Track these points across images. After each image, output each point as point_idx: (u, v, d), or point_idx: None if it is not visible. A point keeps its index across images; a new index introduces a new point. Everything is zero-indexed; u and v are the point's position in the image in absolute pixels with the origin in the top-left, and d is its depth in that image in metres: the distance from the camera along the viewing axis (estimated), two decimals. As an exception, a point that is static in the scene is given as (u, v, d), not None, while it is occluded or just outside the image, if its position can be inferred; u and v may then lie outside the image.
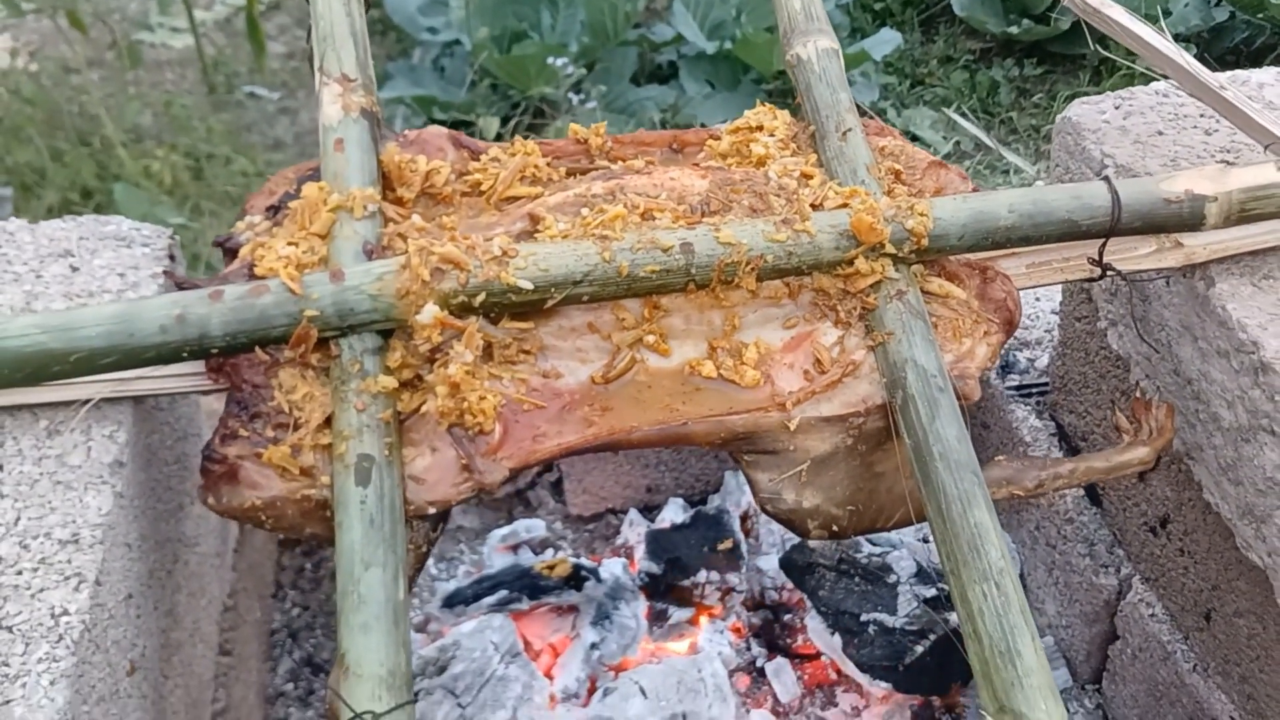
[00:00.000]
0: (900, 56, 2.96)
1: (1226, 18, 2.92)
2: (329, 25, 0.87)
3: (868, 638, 1.15)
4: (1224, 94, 0.92)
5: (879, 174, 0.85)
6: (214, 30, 3.30)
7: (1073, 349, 1.14)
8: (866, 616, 1.16)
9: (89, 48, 3.17)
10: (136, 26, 3.25)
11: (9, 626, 0.68)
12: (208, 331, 0.76)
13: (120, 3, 3.37)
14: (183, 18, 3.22)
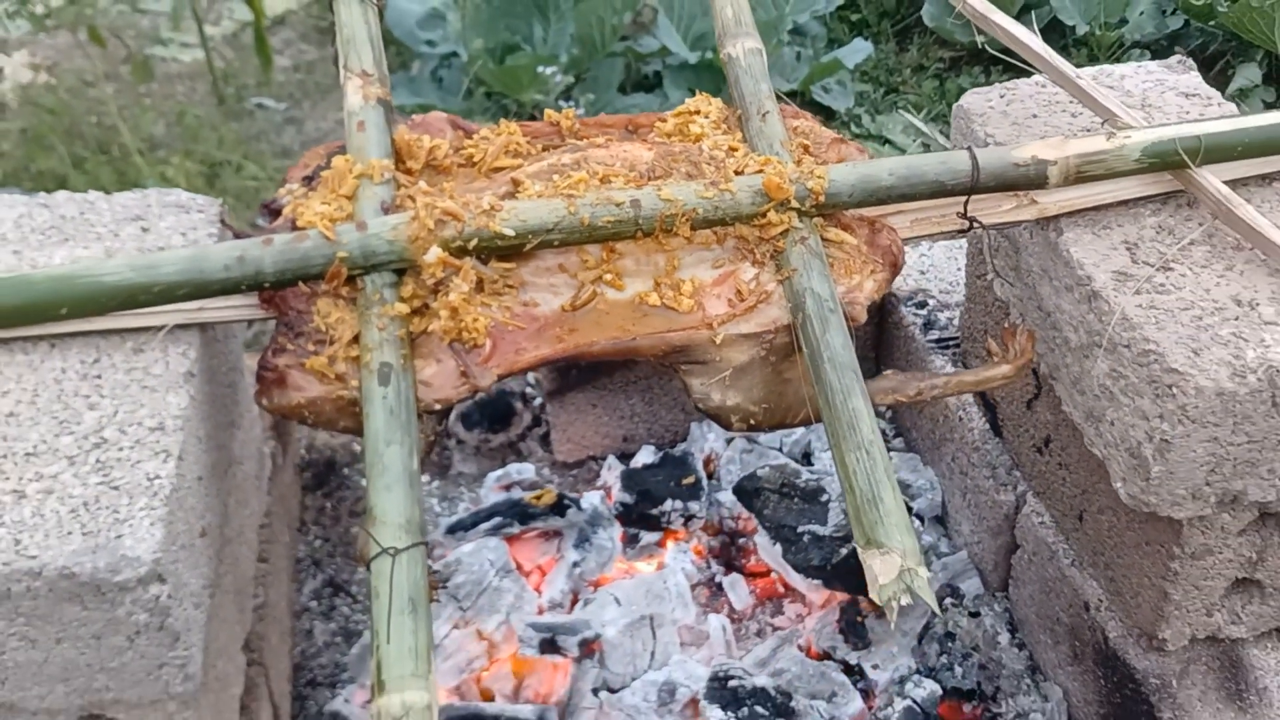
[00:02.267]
0: (875, 66, 3.21)
1: (1181, 25, 3.17)
2: (351, 31, 1.12)
3: (803, 545, 1.40)
4: (1078, 82, 1.17)
5: (790, 147, 1.09)
6: (222, 45, 3.55)
7: (975, 303, 1.39)
8: (803, 528, 1.41)
9: (105, 62, 3.42)
10: (150, 41, 3.50)
11: (116, 486, 0.92)
12: (261, 269, 1.01)
13: (133, 18, 3.62)
14: (193, 33, 3.47)
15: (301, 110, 3.24)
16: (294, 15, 3.73)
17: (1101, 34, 3.08)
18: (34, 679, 0.94)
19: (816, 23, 3.18)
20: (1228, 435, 0.99)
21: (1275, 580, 1.17)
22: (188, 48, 3.54)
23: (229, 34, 3.64)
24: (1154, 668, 1.20)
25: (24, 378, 1.00)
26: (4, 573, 0.87)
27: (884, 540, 0.90)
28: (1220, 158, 1.10)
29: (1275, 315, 1.01)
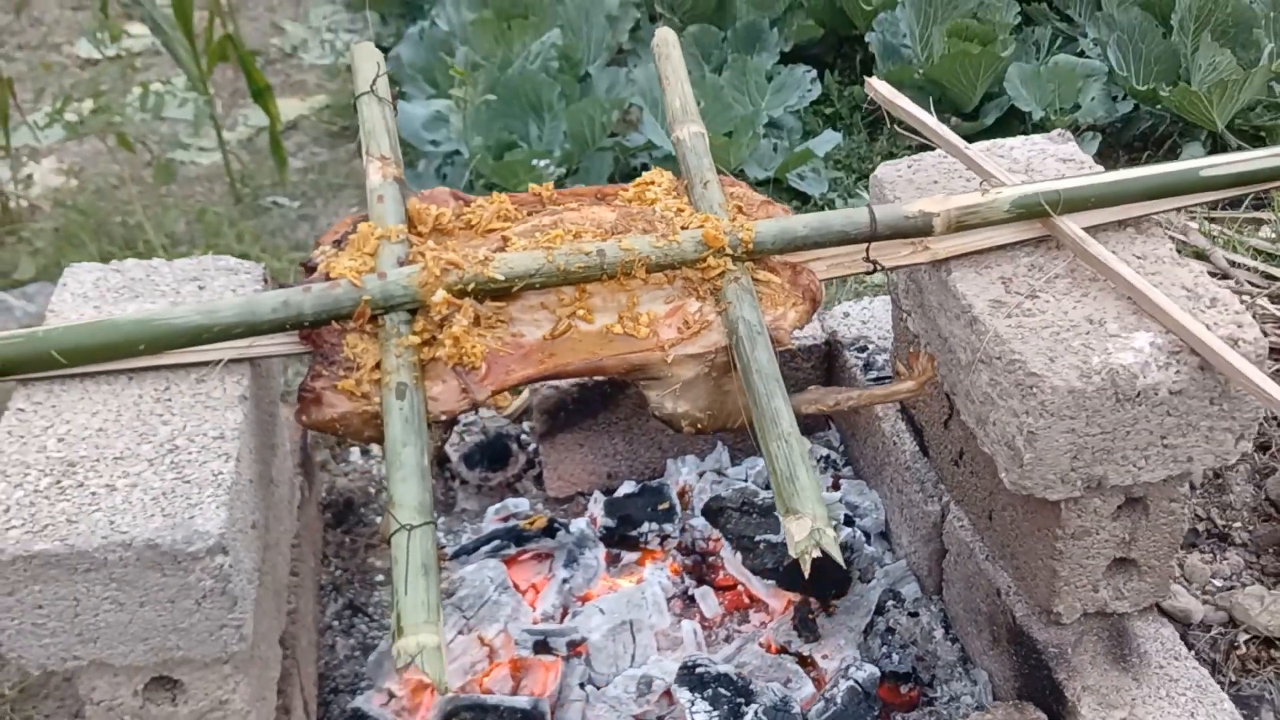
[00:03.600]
0: (848, 154, 3.52)
1: (1131, 109, 3.49)
2: (371, 125, 1.42)
3: (760, 552, 1.65)
4: (966, 151, 1.46)
5: (727, 208, 1.38)
6: (238, 149, 3.88)
7: (899, 341, 1.66)
8: (759, 538, 1.66)
9: (129, 166, 3.75)
10: (171, 146, 3.84)
11: (188, 480, 1.19)
12: (302, 311, 1.28)
13: (156, 125, 3.96)
14: (212, 139, 3.82)
15: (314, 207, 3.55)
16: (306, 120, 4.08)
17: (1056, 119, 3.39)
18: (120, 637, 1.19)
19: (792, 116, 3.50)
20: (1083, 426, 1.25)
21: (1148, 560, 1.42)
22: (206, 152, 3.88)
23: (244, 139, 3.98)
24: (1053, 639, 1.45)
25: (109, 402, 1.27)
26: (102, 545, 1.13)
27: (799, 508, 1.16)
28: (1078, 207, 1.38)
29: (1119, 330, 1.28)
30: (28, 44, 4.51)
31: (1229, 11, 3.44)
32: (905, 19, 3.58)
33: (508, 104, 3.29)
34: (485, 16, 3.62)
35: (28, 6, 4.56)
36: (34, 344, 1.27)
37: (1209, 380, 1.26)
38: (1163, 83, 3.37)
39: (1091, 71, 3.42)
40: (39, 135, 3.93)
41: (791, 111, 3.50)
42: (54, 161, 3.89)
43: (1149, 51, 3.44)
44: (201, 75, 3.47)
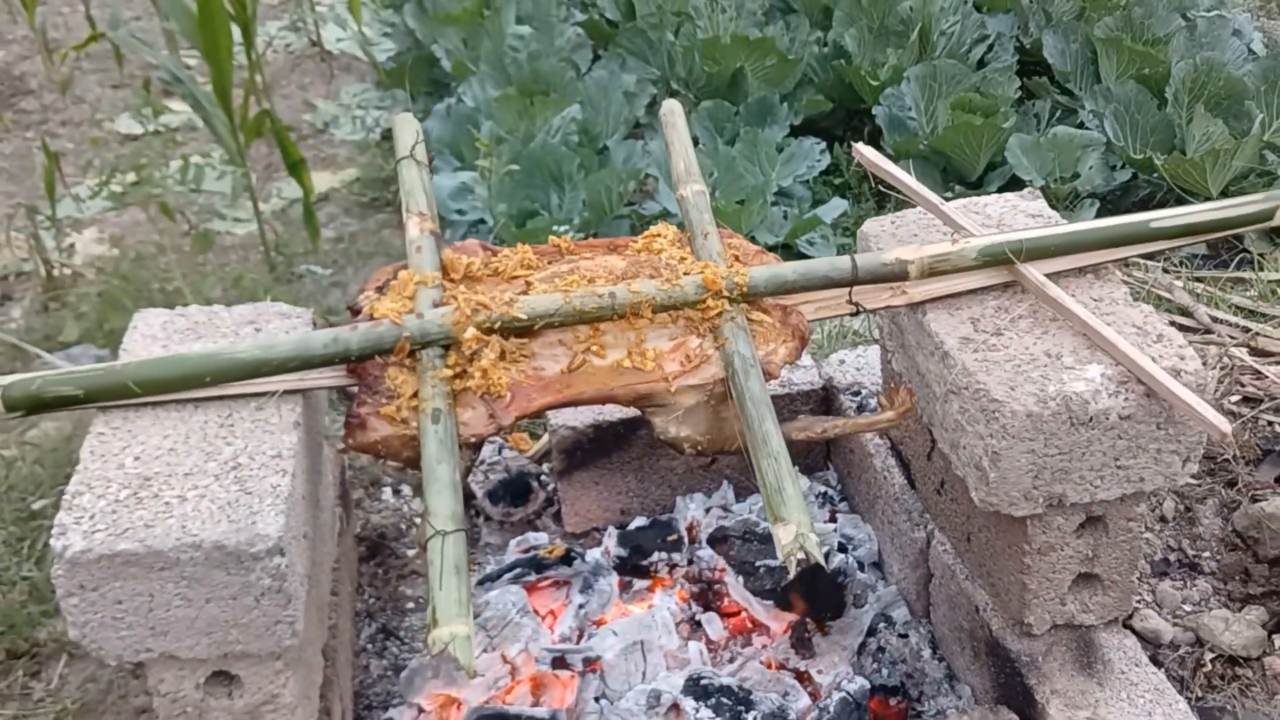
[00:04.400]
0: (855, 221, 3.73)
1: (1129, 178, 3.70)
2: (410, 185, 1.64)
3: (760, 575, 1.83)
4: (942, 208, 1.66)
5: (725, 256, 1.58)
6: (272, 219, 4.12)
7: (887, 382, 1.85)
8: (760, 563, 1.84)
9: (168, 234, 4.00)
10: (208, 216, 4.09)
11: (250, 491, 1.38)
12: (349, 347, 1.48)
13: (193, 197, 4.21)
14: (247, 210, 4.06)
15: (345, 275, 3.76)
16: (337, 192, 4.33)
17: (1056, 187, 3.60)
18: (187, 631, 1.38)
19: (801, 186, 3.72)
20: (1041, 448, 1.43)
21: (1110, 575, 1.59)
22: (241, 222, 4.12)
23: (278, 210, 4.22)
24: (1025, 649, 1.61)
25: (178, 426, 1.47)
26: (175, 546, 1.32)
27: (785, 516, 1.35)
28: (1040, 256, 1.57)
29: (1074, 363, 1.47)
30: (70, 120, 4.79)
31: (1221, 84, 3.66)
32: (910, 93, 3.81)
33: (530, 175, 3.52)
34: (509, 93, 3.88)
35: (71, 86, 4.85)
36: (113, 376, 1.47)
37: (1155, 406, 1.44)
38: (1158, 152, 3.58)
39: (1090, 142, 3.63)
40: (82, 206, 4.20)
41: (801, 181, 3.72)
42: (95, 232, 4.14)
43: (1145, 122, 3.65)
44: (239, 149, 3.72)
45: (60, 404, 1.47)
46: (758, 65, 4.02)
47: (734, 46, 4.03)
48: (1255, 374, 2.41)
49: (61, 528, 1.34)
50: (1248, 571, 1.92)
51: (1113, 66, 3.86)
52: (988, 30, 4.17)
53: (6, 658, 1.99)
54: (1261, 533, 1.92)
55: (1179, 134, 3.64)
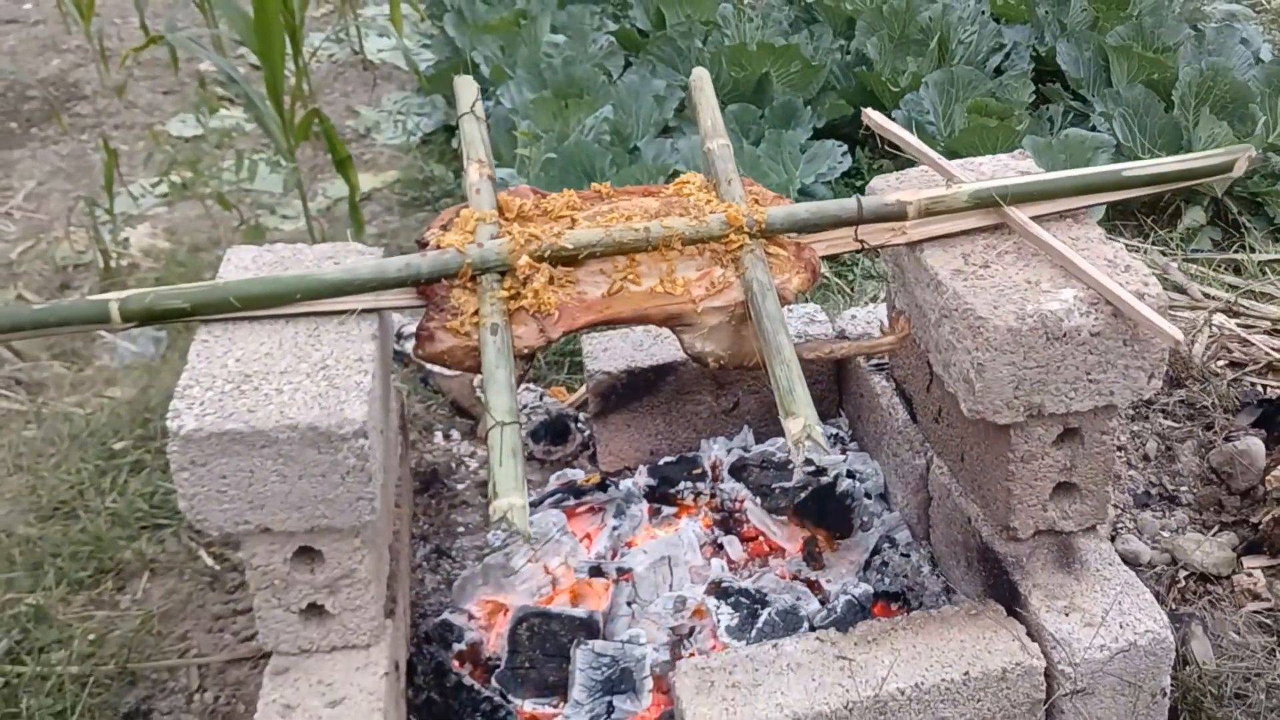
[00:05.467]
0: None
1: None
2: (470, 137, 1.91)
3: (775, 496, 2.09)
4: (940, 162, 1.92)
5: (746, 199, 1.84)
6: (318, 216, 4.42)
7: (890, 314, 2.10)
8: (775, 485, 2.09)
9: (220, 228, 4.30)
10: (259, 211, 4.39)
11: (337, 386, 1.64)
12: (420, 271, 1.75)
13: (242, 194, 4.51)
14: (294, 207, 4.36)
15: (387, 263, 4.03)
16: (379, 192, 4.62)
17: (1067, 187, 3.85)
18: (281, 505, 1.64)
19: (824, 186, 3.98)
20: (1021, 360, 1.68)
21: (1087, 484, 1.83)
22: (289, 219, 4.42)
23: (323, 208, 4.52)
24: (1011, 552, 1.86)
25: (273, 336, 1.74)
26: (275, 426, 1.59)
27: (795, 411, 1.60)
28: (1024, 200, 1.83)
29: (1051, 288, 1.72)
30: (123, 124, 5.12)
31: (1226, 88, 3.91)
32: (929, 98, 4.08)
33: (564, 171, 3.80)
34: (545, 96, 4.17)
35: (125, 91, 5.19)
36: (216, 292, 1.75)
37: (1121, 325, 1.69)
38: (1165, 153, 3.82)
39: (1100, 144, 3.89)
40: (138, 202, 4.51)
41: (824, 181, 3.98)
42: (148, 227, 4.45)
43: (1153, 125, 3.91)
44: (289, 147, 4.02)
45: (169, 316, 1.74)
46: (783, 71, 4.30)
47: (760, 53, 4.32)
48: (1242, 341, 2.65)
49: (175, 412, 1.61)
50: (1221, 503, 2.16)
51: (1123, 72, 4.12)
52: (1005, 39, 4.44)
53: (95, 573, 2.25)
54: (1234, 468, 2.16)
55: (1185, 135, 3.89)
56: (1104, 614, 1.76)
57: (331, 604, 1.75)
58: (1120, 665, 1.75)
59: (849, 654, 1.75)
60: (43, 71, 5.46)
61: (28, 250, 4.26)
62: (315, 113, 4.02)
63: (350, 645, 1.78)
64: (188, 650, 2.10)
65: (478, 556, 2.21)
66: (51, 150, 4.92)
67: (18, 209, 4.57)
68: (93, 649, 2.07)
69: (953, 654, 1.74)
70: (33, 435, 2.73)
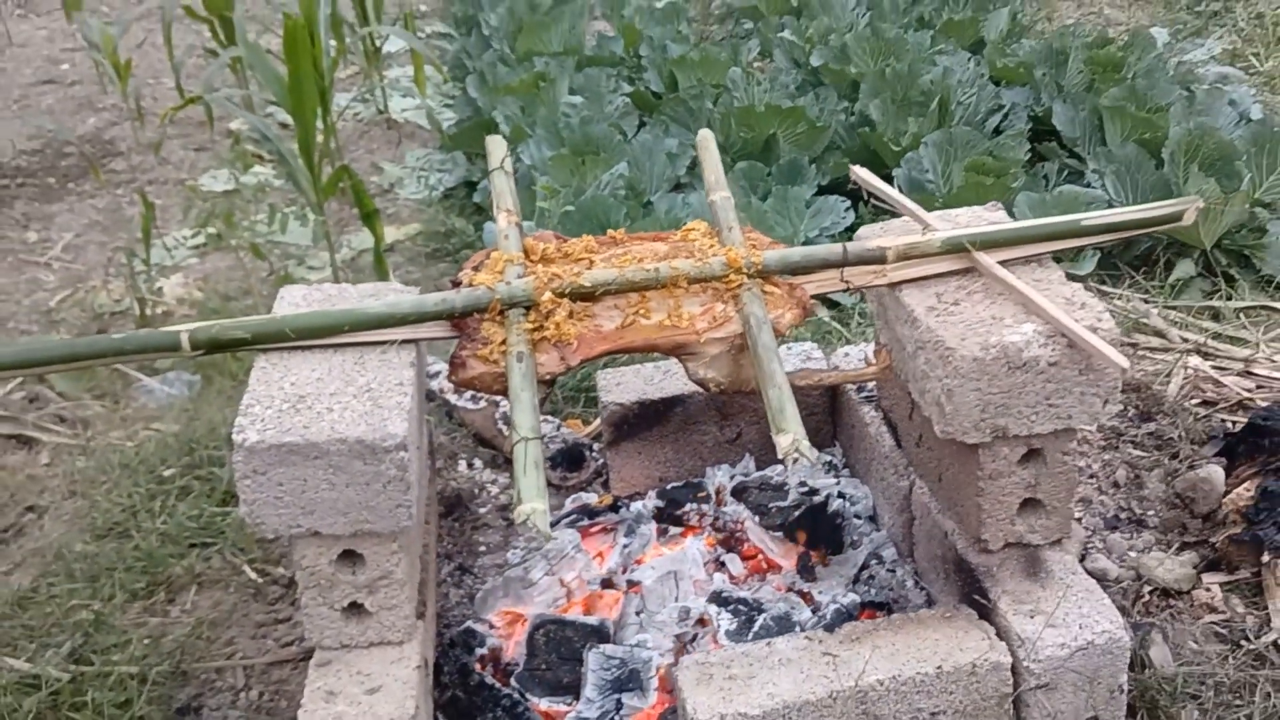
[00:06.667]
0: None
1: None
2: (500, 188, 2.19)
3: (772, 514, 2.34)
4: (918, 213, 2.19)
5: (745, 244, 2.11)
6: (344, 267, 4.71)
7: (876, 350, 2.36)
8: (772, 504, 2.35)
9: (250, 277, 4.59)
10: (288, 260, 4.68)
11: (381, 406, 1.91)
12: (454, 306, 2.02)
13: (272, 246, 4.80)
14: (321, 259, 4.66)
15: (410, 312, 4.31)
16: (401, 244, 4.91)
17: (1061, 242, 4.11)
18: (330, 510, 1.90)
19: (828, 239, 4.26)
20: (986, 386, 1.94)
21: (1051, 501, 2.08)
22: (316, 270, 4.71)
23: (348, 259, 4.81)
24: (984, 562, 2.10)
25: (323, 364, 2.01)
26: (327, 440, 1.85)
27: (785, 427, 1.86)
28: (991, 246, 2.09)
29: (1012, 323, 1.98)
30: (157, 180, 5.45)
31: (1214, 146, 4.18)
32: (929, 157, 4.37)
33: (581, 224, 4.08)
34: (563, 153, 4.47)
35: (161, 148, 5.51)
36: (274, 324, 2.02)
37: (1076, 356, 1.94)
38: (1154, 209, 4.09)
39: (1093, 199, 4.16)
40: (172, 254, 4.81)
41: (828, 235, 4.26)
42: (181, 277, 4.75)
43: (1144, 182, 4.18)
44: (319, 201, 4.32)
45: (233, 345, 2.02)
46: (789, 131, 4.60)
47: (768, 115, 4.62)
48: (1215, 382, 2.90)
49: (240, 427, 1.88)
50: (1184, 525, 2.40)
51: (1117, 132, 4.40)
52: (1003, 101, 4.74)
53: (148, 585, 2.51)
54: (1196, 493, 2.41)
55: (1176, 191, 4.16)
56: (1065, 616, 2.00)
57: (370, 603, 2.00)
58: (1080, 662, 1.98)
59: (834, 650, 1.99)
60: (80, 129, 5.81)
61: (66, 298, 4.57)
62: (345, 169, 4.33)
63: (386, 641, 2.03)
64: (234, 653, 2.35)
65: (498, 572, 2.45)
66: (88, 204, 5.24)
67: (56, 260, 4.88)
68: (148, 651, 2.32)
69: (928, 650, 1.98)
70: (85, 465, 3.00)
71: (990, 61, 5.05)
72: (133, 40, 6.22)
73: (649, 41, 5.65)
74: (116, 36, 5.37)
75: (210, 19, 5.57)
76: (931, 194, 4.32)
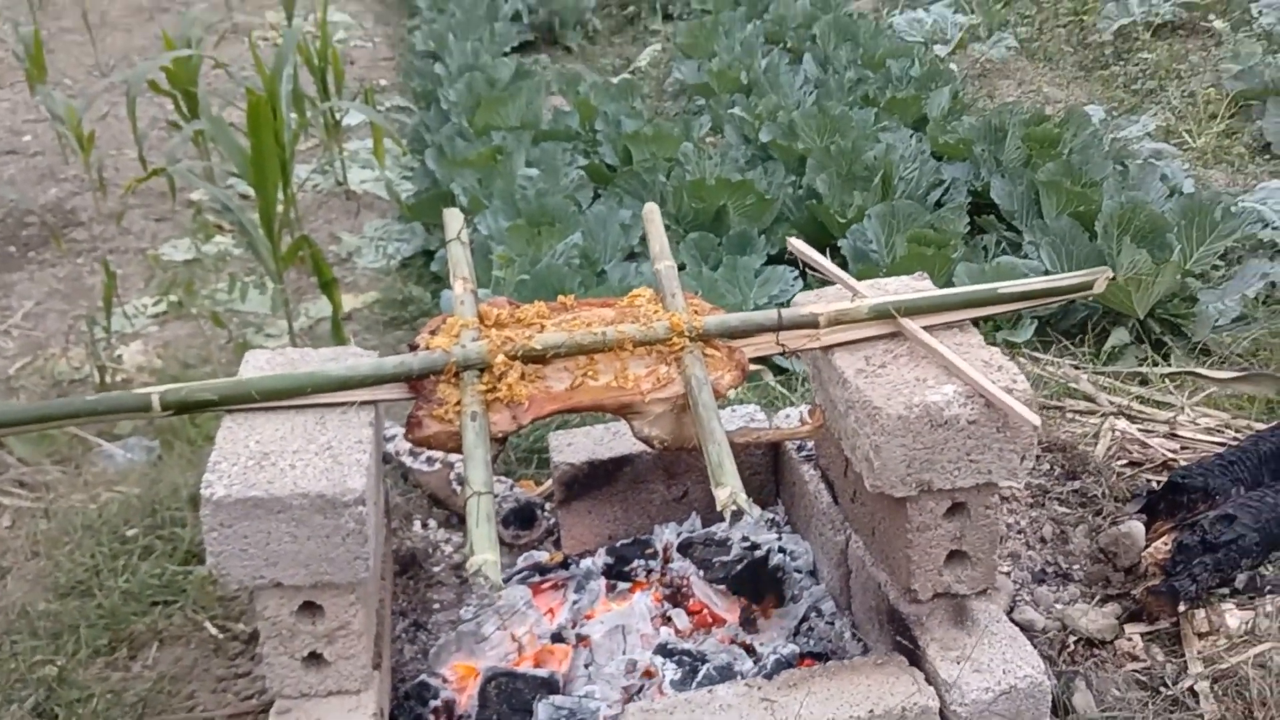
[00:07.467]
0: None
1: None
2: (456, 258, 2.34)
3: (715, 568, 2.46)
4: (849, 281, 2.35)
5: (688, 308, 2.26)
6: (301, 335, 4.83)
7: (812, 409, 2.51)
8: (715, 559, 2.47)
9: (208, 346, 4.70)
10: (247, 328, 4.79)
11: (341, 463, 2.03)
12: (412, 368, 2.16)
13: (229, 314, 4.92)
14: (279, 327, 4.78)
15: (368, 378, 4.42)
16: (359, 312, 5.05)
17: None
18: (291, 562, 2.01)
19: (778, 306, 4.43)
20: (911, 443, 2.09)
21: (976, 552, 2.22)
22: (273, 337, 4.83)
23: (306, 327, 4.93)
24: (914, 612, 2.24)
25: (286, 423, 2.13)
26: (289, 494, 1.97)
27: (724, 481, 2.00)
28: (915, 312, 2.25)
29: (935, 384, 2.13)
30: (118, 249, 5.56)
31: (1145, 219, 4.40)
32: (872, 229, 4.56)
33: (536, 292, 4.23)
34: (519, 224, 4.63)
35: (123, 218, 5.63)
36: (240, 386, 2.15)
37: (994, 414, 2.10)
38: (1089, 279, 4.29)
39: (1029, 270, 4.36)
40: (131, 322, 4.92)
41: (778, 303, 4.43)
42: (140, 345, 4.85)
43: (1079, 253, 4.39)
44: (278, 270, 4.45)
45: (202, 406, 2.14)
46: (739, 203, 4.79)
47: (718, 187, 4.81)
48: (1142, 444, 3.07)
49: (208, 483, 1.99)
50: (1107, 579, 2.55)
51: (1053, 205, 4.62)
52: (944, 175, 4.96)
53: (111, 642, 2.60)
54: (1118, 548, 2.56)
55: (1109, 262, 4.36)
56: (990, 662, 2.14)
57: (329, 652, 2.11)
58: (1004, 705, 2.11)
59: (772, 696, 2.11)
60: (41, 199, 5.92)
61: (26, 366, 4.66)
62: (304, 239, 4.47)
63: (344, 690, 2.14)
64: (195, 707, 2.44)
65: (452, 628, 2.56)
66: (49, 273, 5.35)
67: (16, 327, 4.98)
68: (110, 706, 2.41)
69: (860, 695, 2.11)
70: (47, 527, 3.08)
71: (932, 138, 5.28)
72: (96, 112, 6.35)
73: (604, 117, 5.86)
74: (80, 110, 5.50)
75: (174, 93, 5.72)
76: (876, 264, 4.51)
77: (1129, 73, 6.78)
